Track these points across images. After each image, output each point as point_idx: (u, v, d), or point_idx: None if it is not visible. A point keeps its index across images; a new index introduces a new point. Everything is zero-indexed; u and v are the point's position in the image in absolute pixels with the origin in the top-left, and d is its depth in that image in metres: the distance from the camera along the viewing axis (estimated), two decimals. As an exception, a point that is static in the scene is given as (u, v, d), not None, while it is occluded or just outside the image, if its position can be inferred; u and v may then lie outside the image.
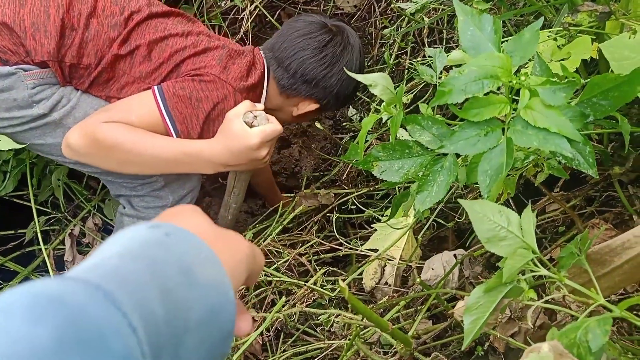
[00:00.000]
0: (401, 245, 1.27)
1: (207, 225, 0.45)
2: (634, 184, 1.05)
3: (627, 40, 0.76)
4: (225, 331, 0.39)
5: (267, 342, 1.22)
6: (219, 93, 1.26)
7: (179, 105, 1.24)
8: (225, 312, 0.39)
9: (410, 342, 0.81)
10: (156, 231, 0.40)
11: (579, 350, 0.54)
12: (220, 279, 0.40)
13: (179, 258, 0.38)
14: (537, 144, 0.64)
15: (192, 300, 0.37)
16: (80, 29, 1.24)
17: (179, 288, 0.36)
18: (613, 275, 0.71)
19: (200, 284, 0.38)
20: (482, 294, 0.62)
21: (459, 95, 0.66)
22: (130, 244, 0.38)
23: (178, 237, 0.40)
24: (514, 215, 0.62)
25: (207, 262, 0.40)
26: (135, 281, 0.34)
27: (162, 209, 1.36)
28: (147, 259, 0.36)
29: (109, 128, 1.19)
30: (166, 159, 1.22)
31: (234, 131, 1.20)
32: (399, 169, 0.83)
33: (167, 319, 0.34)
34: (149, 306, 0.34)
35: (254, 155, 1.21)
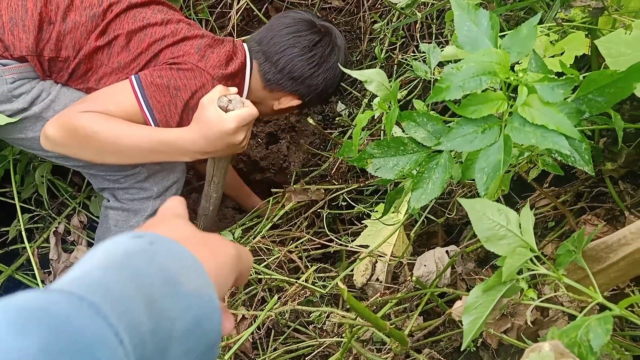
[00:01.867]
0: (392, 242, 1.26)
1: (190, 232, 0.45)
2: (625, 180, 1.06)
3: (623, 36, 0.76)
4: (211, 340, 0.39)
5: (258, 340, 1.21)
6: (197, 81, 1.25)
7: (157, 94, 1.23)
8: (211, 321, 0.39)
9: (406, 341, 0.80)
10: (140, 241, 0.39)
11: (579, 349, 0.53)
12: (205, 287, 0.39)
13: (163, 268, 0.38)
14: (535, 142, 0.64)
15: (177, 310, 0.37)
16: (57, 22, 1.23)
17: (163, 298, 0.36)
18: (609, 272, 0.71)
19: (185, 294, 0.38)
20: (480, 293, 0.62)
21: (457, 91, 0.65)
22: (114, 254, 0.37)
23: (162, 247, 0.40)
24: (513, 213, 0.62)
25: (192, 271, 0.39)
26: (119, 292, 0.34)
27: (147, 200, 1.34)
28: (131, 270, 0.36)
29: (85, 117, 1.18)
30: (143, 147, 1.20)
31: (209, 117, 1.18)
32: (394, 166, 0.83)
33: (153, 329, 0.34)
34: (134, 317, 0.33)
35: (231, 140, 1.20)
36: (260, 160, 1.86)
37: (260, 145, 1.88)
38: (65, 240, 1.65)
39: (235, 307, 1.29)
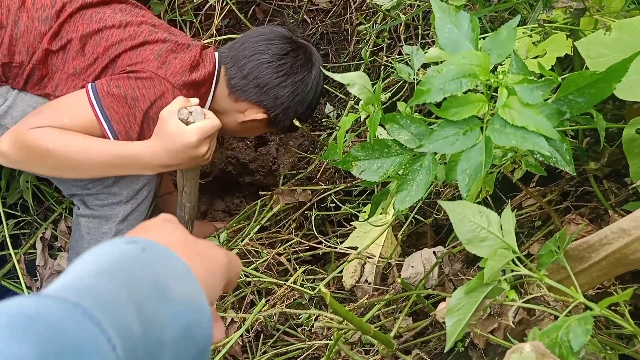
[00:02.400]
0: (380, 243, 1.26)
1: (182, 238, 0.45)
2: (609, 179, 1.07)
3: (602, 37, 0.76)
4: (201, 345, 0.39)
5: (247, 343, 1.20)
6: (156, 90, 1.20)
7: (114, 105, 1.18)
8: (201, 328, 0.39)
9: (392, 344, 0.80)
10: (132, 247, 0.40)
11: (560, 350, 0.54)
12: (195, 294, 0.40)
13: (153, 274, 0.38)
14: (515, 143, 0.64)
15: (167, 316, 0.37)
16: (9, 25, 1.18)
17: (153, 304, 0.37)
18: (591, 271, 0.71)
19: (175, 300, 0.38)
20: (463, 295, 0.62)
21: (437, 94, 0.66)
22: (107, 260, 0.38)
23: (153, 253, 0.40)
24: (494, 215, 0.62)
25: (181, 278, 0.40)
26: (112, 299, 0.34)
27: (117, 206, 1.31)
28: (122, 276, 0.37)
29: (38, 134, 1.14)
30: (102, 162, 1.19)
31: (169, 130, 1.16)
32: (378, 168, 0.83)
33: (143, 335, 0.35)
34: (126, 323, 0.34)
35: (193, 153, 1.18)
36: (249, 162, 1.86)
37: (249, 147, 1.88)
38: (52, 246, 1.63)
39: (224, 309, 1.28)
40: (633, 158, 0.86)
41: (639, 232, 0.65)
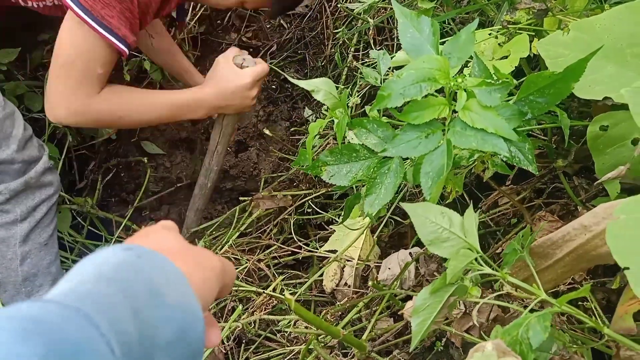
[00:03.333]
0: (359, 246, 1.27)
1: (177, 244, 0.47)
2: (579, 175, 1.08)
3: (561, 37, 0.78)
4: (195, 349, 0.41)
5: (229, 351, 1.20)
6: None
7: (104, 10, 1.07)
8: (194, 331, 0.41)
9: (364, 347, 0.81)
10: (128, 253, 0.42)
11: (521, 347, 0.55)
12: (189, 299, 0.41)
13: (148, 280, 0.40)
14: (475, 145, 0.65)
15: (161, 320, 0.39)
16: None
17: (148, 309, 0.39)
18: (556, 268, 0.73)
19: (169, 305, 0.40)
20: (428, 295, 0.63)
21: (398, 99, 0.67)
22: (105, 266, 0.40)
23: (148, 260, 0.42)
24: (456, 216, 0.63)
25: (175, 284, 0.42)
26: (110, 303, 0.36)
27: (12, 225, 1.29)
28: (119, 282, 0.39)
29: (103, 106, 1.19)
30: (167, 114, 1.29)
31: (226, 73, 1.27)
32: (347, 172, 0.84)
33: (139, 338, 0.37)
34: (123, 326, 0.36)
35: (246, 94, 1.29)
36: (229, 168, 1.86)
37: (229, 153, 1.88)
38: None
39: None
40: (598, 155, 0.88)
41: (599, 228, 0.66)
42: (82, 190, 1.85)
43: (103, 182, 1.77)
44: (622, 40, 0.77)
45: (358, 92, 1.48)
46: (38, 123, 1.70)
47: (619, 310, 0.67)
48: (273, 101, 1.92)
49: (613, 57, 0.76)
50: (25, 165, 1.31)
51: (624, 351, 0.65)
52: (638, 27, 0.76)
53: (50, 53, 1.20)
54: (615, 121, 0.85)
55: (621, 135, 0.84)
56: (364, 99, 1.49)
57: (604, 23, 0.78)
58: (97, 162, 1.88)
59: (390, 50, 1.55)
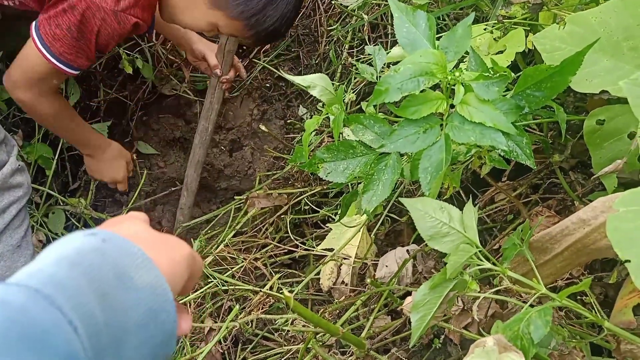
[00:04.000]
0: (356, 244, 1.26)
1: (144, 231, 0.47)
2: (575, 170, 1.08)
3: (557, 31, 0.77)
4: (166, 331, 0.41)
5: (226, 350, 1.20)
6: (96, 20, 1.18)
7: (64, 47, 1.20)
8: (165, 313, 0.41)
9: (363, 344, 0.81)
10: (92, 238, 0.41)
11: (522, 342, 0.54)
12: (157, 281, 0.41)
13: (114, 263, 0.40)
14: (474, 139, 0.65)
15: (129, 302, 0.39)
16: None
17: (115, 292, 0.38)
18: (555, 262, 0.72)
19: (137, 288, 0.40)
20: (428, 290, 0.62)
21: (395, 93, 0.66)
22: (68, 251, 0.40)
23: (114, 244, 0.41)
24: (455, 211, 0.63)
25: (143, 267, 0.41)
26: (72, 286, 0.36)
27: None
28: (83, 265, 0.38)
29: (40, 105, 1.34)
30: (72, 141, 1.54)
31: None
32: (345, 169, 0.83)
33: (106, 321, 0.37)
34: (88, 309, 0.36)
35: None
36: (224, 168, 1.85)
37: (223, 153, 1.87)
38: (25, 261, 1.60)
39: (202, 319, 1.27)
40: (595, 149, 0.87)
41: (598, 222, 0.66)
42: (76, 191, 1.84)
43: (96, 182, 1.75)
44: (617, 33, 0.76)
45: (353, 89, 1.48)
46: (30, 124, 1.68)
47: (619, 304, 0.67)
48: (267, 99, 1.91)
49: (609, 50, 0.76)
50: None
51: (624, 345, 0.64)
52: (633, 20, 0.76)
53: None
54: (612, 115, 0.85)
55: (618, 129, 0.84)
56: (359, 96, 1.48)
57: (600, 16, 0.78)
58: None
59: (385, 47, 1.54)
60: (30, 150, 1.60)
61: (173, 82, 1.85)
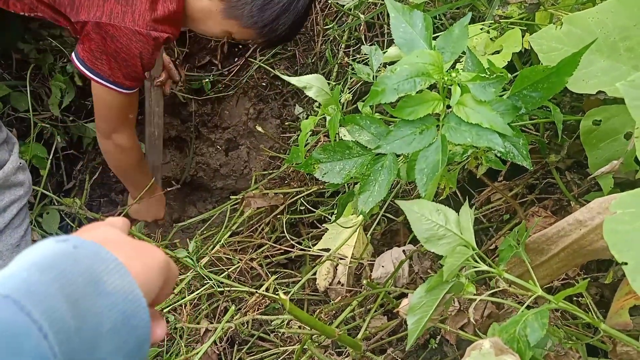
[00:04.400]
0: (352, 244, 1.26)
1: (119, 237, 0.47)
2: (571, 170, 1.08)
3: (553, 31, 0.77)
4: (140, 337, 0.41)
5: (222, 351, 1.19)
6: (136, 45, 1.23)
7: (115, 70, 1.26)
8: (138, 319, 0.41)
9: (359, 346, 0.80)
10: (64, 244, 0.41)
11: (519, 344, 0.54)
12: (130, 287, 0.41)
13: (86, 269, 0.40)
14: (470, 140, 0.64)
15: (101, 308, 0.39)
16: None
17: (87, 297, 0.39)
18: (551, 263, 0.72)
19: (109, 293, 0.40)
20: (424, 293, 0.62)
21: (392, 94, 0.66)
22: (39, 257, 0.40)
23: (86, 249, 0.41)
24: (451, 213, 0.62)
25: (116, 272, 0.41)
26: (42, 292, 0.36)
27: None
28: (54, 271, 0.38)
29: (132, 150, 1.47)
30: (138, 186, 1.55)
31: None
32: (341, 170, 0.83)
33: (78, 327, 0.37)
34: (58, 314, 0.36)
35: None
36: (220, 167, 1.84)
37: (219, 152, 1.86)
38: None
39: (198, 320, 1.27)
40: (591, 149, 0.87)
41: (594, 223, 0.65)
42: (70, 191, 1.83)
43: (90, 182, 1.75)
44: (614, 33, 0.76)
45: (349, 88, 1.47)
46: (24, 123, 1.67)
47: (615, 306, 0.67)
48: (263, 99, 1.90)
49: (606, 51, 0.76)
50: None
51: (620, 347, 0.64)
52: (630, 21, 0.76)
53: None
54: (608, 115, 0.85)
55: (614, 129, 0.84)
56: (355, 96, 1.48)
57: (597, 17, 0.78)
58: (85, 162, 1.86)
59: (381, 46, 1.54)
60: (24, 149, 1.59)
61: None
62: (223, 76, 1.90)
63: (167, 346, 1.26)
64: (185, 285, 1.30)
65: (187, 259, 1.15)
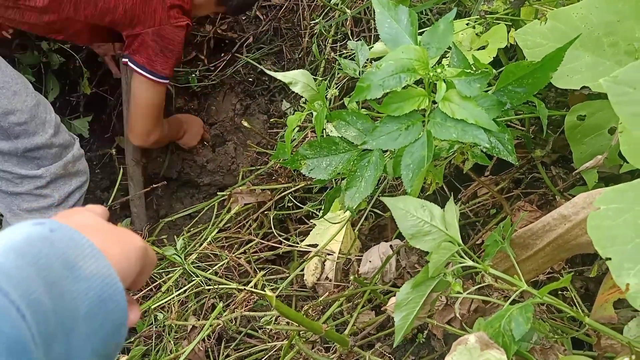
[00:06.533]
0: (340, 239, 1.26)
1: (96, 222, 0.47)
2: (557, 165, 1.09)
3: (538, 27, 0.77)
4: (116, 321, 0.41)
5: (209, 348, 1.19)
6: (173, 35, 1.45)
7: (163, 66, 1.48)
8: (114, 303, 0.41)
9: (346, 342, 0.80)
10: (40, 227, 0.41)
11: (503, 339, 0.54)
12: (106, 271, 0.41)
13: (62, 253, 0.40)
14: (456, 136, 0.65)
15: (77, 292, 0.39)
16: None
17: (63, 280, 0.39)
18: (536, 258, 0.73)
19: (86, 277, 0.40)
20: (410, 289, 0.62)
21: (377, 90, 0.65)
22: (15, 240, 0.39)
23: (62, 233, 0.42)
24: (437, 209, 0.62)
25: (92, 257, 0.42)
26: (19, 275, 0.36)
27: (47, 210, 1.33)
28: (30, 255, 0.38)
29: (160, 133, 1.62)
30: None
31: None
32: (327, 166, 0.82)
33: (55, 309, 0.37)
34: (35, 296, 0.36)
35: None
36: (207, 163, 1.83)
37: (206, 148, 1.85)
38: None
39: (185, 317, 1.26)
40: (575, 144, 0.88)
41: (579, 218, 0.66)
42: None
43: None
44: (599, 29, 0.77)
45: (336, 84, 1.47)
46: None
47: (599, 299, 0.67)
48: (250, 94, 1.89)
49: (590, 47, 0.77)
50: (61, 149, 1.38)
51: (604, 340, 0.65)
52: (614, 16, 0.76)
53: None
54: (593, 110, 0.85)
55: (598, 124, 0.85)
56: (342, 91, 1.48)
57: (581, 12, 0.78)
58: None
59: (368, 41, 1.53)
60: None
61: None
62: (210, 71, 1.89)
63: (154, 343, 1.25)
64: (173, 282, 1.29)
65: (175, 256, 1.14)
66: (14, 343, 0.33)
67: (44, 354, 0.35)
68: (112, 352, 0.42)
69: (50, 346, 0.36)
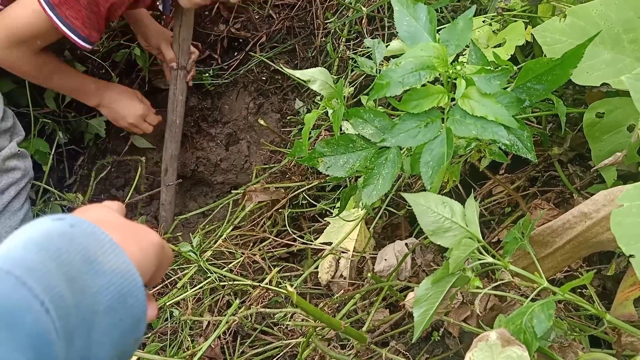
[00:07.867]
0: (354, 237, 1.26)
1: (114, 218, 0.48)
2: (573, 163, 1.08)
3: (557, 24, 0.77)
4: (135, 316, 0.42)
5: (225, 344, 1.19)
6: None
7: (70, 12, 1.24)
8: (134, 297, 0.41)
9: (364, 338, 0.81)
10: (60, 223, 0.41)
11: (525, 335, 0.54)
12: (126, 266, 0.42)
13: (82, 248, 0.40)
14: (475, 133, 0.65)
15: (98, 286, 0.40)
16: None
17: (84, 275, 0.39)
18: (556, 255, 0.72)
19: (105, 272, 0.40)
20: (430, 285, 0.62)
21: (396, 87, 0.66)
22: (36, 235, 0.40)
23: (82, 229, 0.42)
24: (457, 205, 0.62)
25: (111, 252, 0.42)
26: (41, 269, 0.37)
27: None
28: (51, 250, 0.39)
29: (20, 63, 1.36)
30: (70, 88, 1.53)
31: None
32: (344, 163, 0.83)
33: (76, 304, 0.37)
34: (57, 291, 0.36)
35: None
36: (220, 162, 1.84)
37: (219, 146, 1.86)
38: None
39: (201, 313, 1.27)
40: (594, 142, 0.87)
41: (599, 215, 0.66)
42: (72, 186, 1.83)
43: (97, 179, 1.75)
44: (618, 26, 0.76)
45: (350, 82, 1.47)
46: (25, 118, 1.66)
47: (619, 297, 0.67)
48: (263, 93, 1.90)
49: (610, 43, 0.76)
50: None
51: (625, 337, 0.65)
52: (634, 13, 0.76)
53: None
54: (611, 108, 0.85)
55: (617, 121, 0.84)
56: (356, 90, 1.48)
57: (600, 9, 0.78)
58: (86, 157, 1.85)
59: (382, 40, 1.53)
60: (26, 145, 1.58)
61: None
62: (223, 70, 1.90)
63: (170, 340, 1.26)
64: (188, 279, 1.30)
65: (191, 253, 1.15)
66: (37, 337, 0.33)
67: (65, 348, 0.36)
68: (131, 347, 0.42)
69: (72, 341, 0.36)
